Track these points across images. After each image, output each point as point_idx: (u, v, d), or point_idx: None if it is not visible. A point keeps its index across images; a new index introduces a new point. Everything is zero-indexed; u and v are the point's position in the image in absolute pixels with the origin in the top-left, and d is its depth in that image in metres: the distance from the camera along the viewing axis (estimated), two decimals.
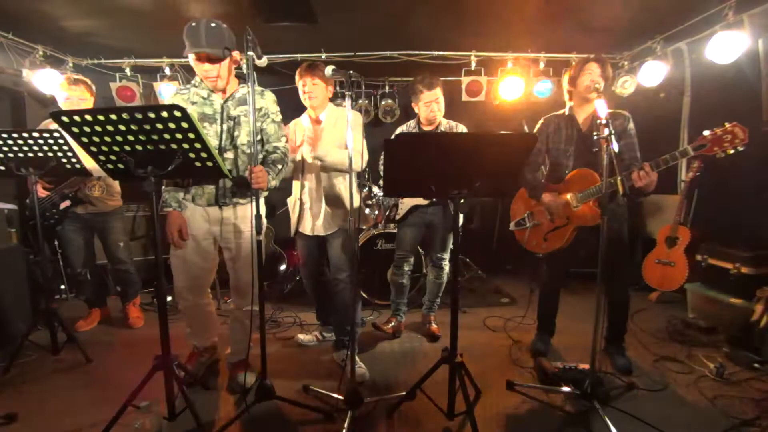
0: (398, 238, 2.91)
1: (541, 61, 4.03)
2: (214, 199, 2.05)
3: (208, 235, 2.11)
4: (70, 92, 2.76)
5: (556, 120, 2.40)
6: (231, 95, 2.04)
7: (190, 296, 2.16)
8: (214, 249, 2.17)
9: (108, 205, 2.98)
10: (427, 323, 3.00)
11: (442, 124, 2.69)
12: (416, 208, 2.79)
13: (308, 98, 2.34)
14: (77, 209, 2.88)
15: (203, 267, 2.14)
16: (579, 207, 2.28)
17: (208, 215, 2.08)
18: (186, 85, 2.07)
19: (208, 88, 2.01)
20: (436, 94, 2.58)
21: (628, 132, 2.25)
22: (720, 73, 3.28)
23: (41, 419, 1.95)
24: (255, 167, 1.82)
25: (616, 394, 2.09)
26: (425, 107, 2.61)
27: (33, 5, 2.96)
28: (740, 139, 1.90)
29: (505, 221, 4.63)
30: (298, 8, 3.09)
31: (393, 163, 1.68)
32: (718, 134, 1.94)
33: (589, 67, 2.22)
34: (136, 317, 3.19)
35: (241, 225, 2.10)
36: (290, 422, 1.93)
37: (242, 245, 2.11)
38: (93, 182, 2.85)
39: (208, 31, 1.81)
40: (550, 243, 2.40)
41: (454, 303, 1.83)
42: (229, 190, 2.05)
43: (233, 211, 2.10)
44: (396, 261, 2.90)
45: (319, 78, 2.29)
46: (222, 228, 2.11)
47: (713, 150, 1.96)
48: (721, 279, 2.93)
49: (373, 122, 4.53)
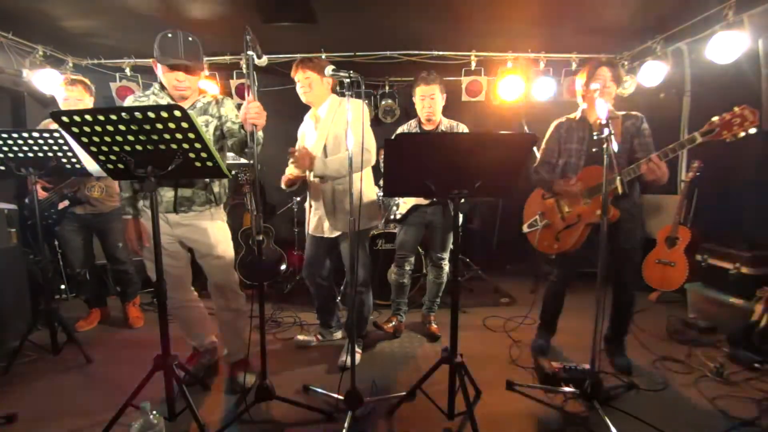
0: (399, 237, 2.91)
1: (541, 61, 4.03)
2: (173, 207, 2.02)
3: (172, 239, 2.08)
4: (68, 92, 2.77)
5: (568, 122, 2.41)
6: (192, 105, 2.03)
7: (174, 294, 2.14)
8: (182, 249, 2.15)
9: (107, 205, 2.98)
10: (427, 323, 3.00)
11: (442, 124, 2.69)
12: (416, 207, 2.79)
13: (303, 93, 2.31)
14: (76, 209, 2.88)
15: (177, 266, 2.13)
16: (589, 203, 2.27)
17: (168, 220, 2.05)
18: (144, 92, 2.05)
19: (168, 96, 1.99)
20: (432, 89, 2.57)
21: (642, 132, 2.24)
22: (720, 73, 3.28)
23: (41, 419, 1.95)
24: (253, 102, 1.76)
25: (616, 394, 2.09)
26: (420, 101, 2.63)
27: (33, 5, 2.96)
28: (750, 121, 1.85)
29: (505, 221, 4.67)
30: (298, 8, 3.09)
31: (393, 163, 1.69)
32: (727, 119, 1.90)
33: (600, 72, 2.20)
34: (136, 317, 3.19)
35: (204, 225, 2.08)
36: (290, 422, 1.92)
37: (209, 243, 2.09)
38: (92, 183, 2.85)
39: (186, 45, 1.86)
40: (562, 242, 2.38)
41: (454, 303, 1.83)
42: (186, 198, 2.02)
43: (192, 216, 2.07)
44: (397, 261, 2.90)
45: (311, 70, 2.25)
46: (183, 230, 2.08)
47: (722, 135, 1.91)
48: (721, 279, 2.93)
49: (373, 122, 4.52)
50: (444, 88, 2.66)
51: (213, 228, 2.11)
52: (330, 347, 2.70)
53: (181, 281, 2.18)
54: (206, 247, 2.10)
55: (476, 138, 2.04)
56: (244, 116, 1.81)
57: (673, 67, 3.68)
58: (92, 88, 2.90)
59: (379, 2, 3.05)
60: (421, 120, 2.72)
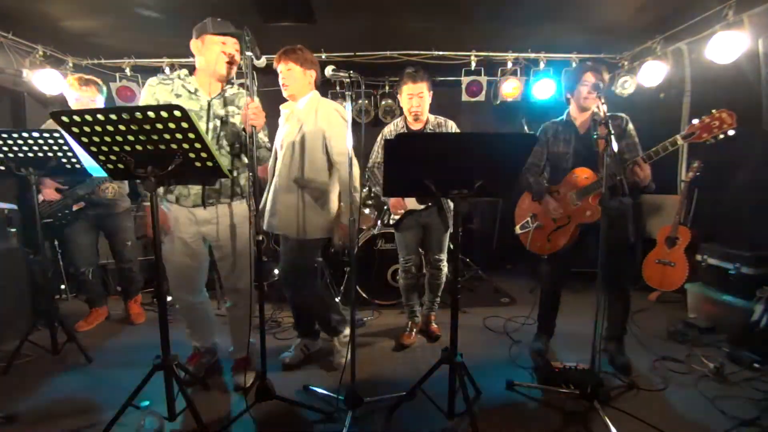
0: (399, 243, 2.84)
1: (541, 61, 4.03)
2: (201, 200, 2.02)
3: (196, 236, 2.08)
4: (81, 93, 2.79)
5: (554, 126, 2.44)
6: (220, 93, 2.03)
7: (185, 295, 2.17)
8: (203, 249, 2.16)
9: (119, 205, 3.04)
10: (428, 323, 3.00)
11: (430, 122, 2.61)
12: (411, 212, 2.71)
13: (282, 86, 2.18)
14: (89, 210, 2.91)
15: (193, 266, 2.13)
16: (579, 204, 2.28)
17: (195, 216, 2.05)
18: (170, 75, 2.02)
19: (195, 81, 2.00)
20: (419, 88, 2.48)
21: (628, 132, 2.27)
22: (720, 73, 3.28)
23: (41, 419, 1.95)
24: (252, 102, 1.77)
25: (616, 394, 2.09)
26: (407, 99, 2.52)
27: (33, 5, 2.97)
28: (728, 124, 1.90)
29: (505, 221, 4.67)
30: (298, 8, 3.09)
31: (393, 163, 1.68)
32: (706, 122, 1.95)
33: (586, 78, 2.24)
34: (138, 313, 3.24)
35: (229, 223, 2.08)
36: (290, 422, 1.93)
37: (232, 244, 2.10)
38: (106, 184, 2.88)
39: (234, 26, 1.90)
40: (553, 243, 2.41)
41: (454, 303, 1.83)
42: (214, 191, 2.03)
43: (220, 210, 2.08)
44: (402, 265, 2.82)
45: (293, 62, 2.13)
46: (210, 228, 2.08)
47: (702, 137, 1.96)
48: (721, 279, 2.93)
49: (373, 122, 4.53)
50: (431, 85, 2.56)
51: (238, 225, 2.10)
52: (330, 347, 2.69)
53: (195, 283, 2.19)
54: (229, 245, 2.10)
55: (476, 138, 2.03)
56: (243, 117, 1.81)
57: (673, 67, 3.69)
58: (104, 88, 2.93)
59: (379, 2, 3.05)
60: (407, 119, 2.63)
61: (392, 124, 2.74)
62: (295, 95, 2.20)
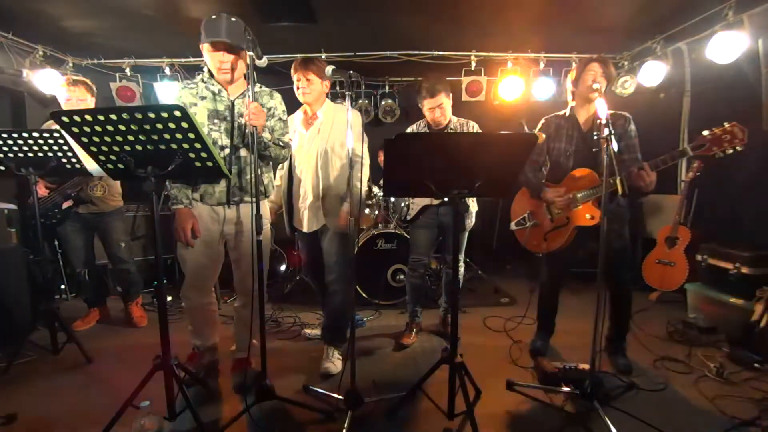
0: (412, 240, 2.84)
1: (541, 61, 4.04)
2: (225, 198, 2.03)
3: (217, 236, 2.10)
4: (70, 93, 2.77)
5: (557, 120, 2.40)
6: (242, 93, 2.04)
7: (195, 296, 2.17)
8: (221, 250, 2.17)
9: (109, 205, 2.99)
10: (446, 324, 2.98)
11: (451, 123, 2.63)
12: (426, 208, 2.73)
13: (302, 94, 2.28)
14: (79, 209, 2.88)
15: (209, 267, 2.15)
16: (579, 207, 2.28)
17: (217, 215, 2.07)
18: (193, 80, 2.04)
19: (218, 83, 2.00)
20: (438, 100, 2.51)
21: (629, 133, 2.25)
22: (720, 73, 3.28)
23: (41, 419, 1.95)
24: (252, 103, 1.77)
25: (616, 394, 2.09)
26: (429, 112, 2.57)
27: (33, 5, 2.96)
28: (739, 139, 1.90)
29: (505, 221, 4.65)
30: (298, 8, 3.09)
31: (393, 163, 1.68)
32: (717, 134, 1.94)
33: (591, 66, 2.21)
34: (140, 316, 3.20)
35: (246, 224, 2.09)
36: (290, 422, 1.93)
37: (247, 246, 2.09)
38: (95, 182, 2.86)
39: (228, 24, 1.85)
40: (550, 243, 2.40)
41: (454, 303, 1.83)
42: (238, 188, 2.04)
43: (241, 209, 2.10)
44: (411, 264, 2.80)
45: (314, 73, 2.23)
46: (230, 228, 2.11)
47: (712, 150, 1.96)
48: (721, 279, 2.92)
49: (373, 122, 4.53)
50: (448, 87, 2.57)
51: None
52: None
53: (206, 284, 2.20)
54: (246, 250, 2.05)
55: (476, 138, 2.04)
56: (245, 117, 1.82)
57: (673, 67, 3.69)
58: (94, 88, 2.90)
59: (379, 2, 3.05)
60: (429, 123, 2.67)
61: (415, 125, 2.77)
62: (312, 103, 2.33)
